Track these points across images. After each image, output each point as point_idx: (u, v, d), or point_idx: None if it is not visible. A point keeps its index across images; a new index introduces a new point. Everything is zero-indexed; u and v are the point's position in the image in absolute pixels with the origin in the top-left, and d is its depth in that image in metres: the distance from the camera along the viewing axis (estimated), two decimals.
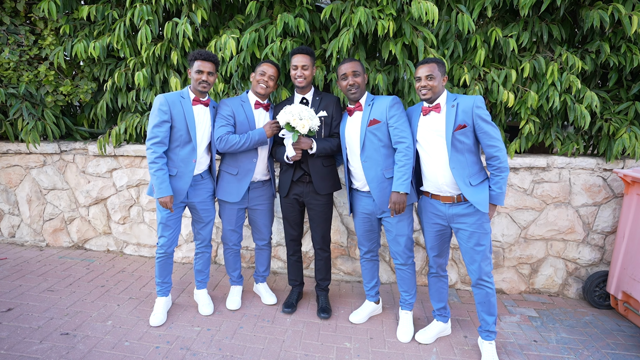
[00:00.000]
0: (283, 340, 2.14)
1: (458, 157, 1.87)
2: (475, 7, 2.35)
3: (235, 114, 2.14)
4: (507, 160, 1.85)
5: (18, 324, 2.16)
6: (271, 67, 2.14)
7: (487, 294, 1.97)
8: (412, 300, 2.25)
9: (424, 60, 1.91)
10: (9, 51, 2.77)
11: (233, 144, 2.10)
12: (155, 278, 2.29)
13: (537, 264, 2.74)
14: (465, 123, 1.83)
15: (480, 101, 1.83)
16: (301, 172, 2.21)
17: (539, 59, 2.39)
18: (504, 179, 1.86)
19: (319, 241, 2.33)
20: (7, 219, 3.32)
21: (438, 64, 1.89)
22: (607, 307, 2.57)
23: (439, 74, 1.87)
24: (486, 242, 1.92)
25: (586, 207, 2.63)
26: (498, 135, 1.83)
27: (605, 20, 2.17)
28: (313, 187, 2.21)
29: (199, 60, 2.02)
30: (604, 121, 2.50)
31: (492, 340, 2.02)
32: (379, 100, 2.06)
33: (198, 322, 2.28)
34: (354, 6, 2.38)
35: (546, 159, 2.58)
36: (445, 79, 1.93)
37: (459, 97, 1.88)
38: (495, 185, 1.87)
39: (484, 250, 1.92)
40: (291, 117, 1.98)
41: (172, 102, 2.03)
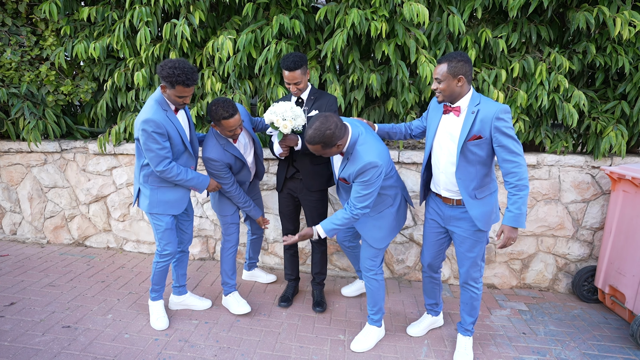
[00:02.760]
0: (279, 333, 2.20)
1: (467, 168, 1.74)
2: (466, 8, 2.42)
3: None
4: (527, 178, 1.65)
5: (21, 317, 2.22)
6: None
7: (472, 297, 1.98)
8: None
9: (438, 60, 1.74)
10: (11, 52, 2.83)
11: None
12: (153, 285, 2.21)
13: (528, 259, 2.81)
14: (481, 134, 1.67)
15: (503, 111, 1.63)
16: (293, 170, 2.26)
17: (528, 59, 2.45)
18: (524, 198, 1.65)
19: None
20: (9, 217, 3.38)
21: (450, 62, 1.67)
22: (595, 301, 2.64)
23: (448, 75, 1.67)
24: (478, 250, 1.86)
25: (575, 204, 2.69)
26: (519, 150, 1.64)
27: (591, 22, 2.24)
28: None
29: (181, 86, 1.80)
30: (591, 120, 2.57)
31: (468, 336, 2.06)
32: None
33: (196, 315, 2.34)
34: (348, 8, 2.44)
35: (536, 157, 2.65)
36: (461, 81, 1.68)
37: (483, 102, 1.69)
38: (514, 206, 1.66)
39: (475, 258, 1.88)
40: (275, 118, 1.98)
41: (163, 121, 1.86)
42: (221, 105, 1.94)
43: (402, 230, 2.86)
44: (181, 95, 1.85)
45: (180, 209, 2.11)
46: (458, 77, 1.68)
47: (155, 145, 1.86)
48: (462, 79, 1.68)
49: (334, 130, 1.71)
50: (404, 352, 2.07)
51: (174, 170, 1.96)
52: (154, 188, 2.02)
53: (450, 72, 1.68)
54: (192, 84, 1.84)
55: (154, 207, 2.04)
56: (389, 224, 1.99)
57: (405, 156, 2.71)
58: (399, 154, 2.72)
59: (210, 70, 2.73)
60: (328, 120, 1.71)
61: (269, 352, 2.03)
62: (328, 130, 1.70)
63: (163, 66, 1.80)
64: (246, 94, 2.72)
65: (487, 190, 1.79)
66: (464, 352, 2.02)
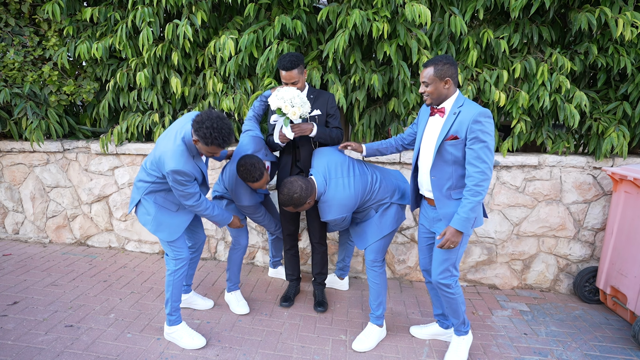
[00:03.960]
0: (280, 333, 2.20)
1: (443, 168, 1.75)
2: (467, 9, 2.42)
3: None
4: (485, 187, 1.64)
5: (24, 316, 2.23)
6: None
7: (448, 300, 1.91)
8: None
9: (424, 63, 1.76)
10: (14, 52, 2.84)
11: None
12: (172, 302, 2.02)
13: (529, 260, 2.81)
14: (458, 135, 1.68)
15: (482, 115, 1.63)
16: (297, 169, 2.27)
17: (530, 60, 2.45)
18: (474, 204, 1.64)
19: (315, 235, 2.39)
20: (11, 216, 3.39)
21: (436, 65, 1.70)
22: (597, 301, 2.64)
23: (435, 78, 1.70)
24: (451, 255, 1.81)
25: (577, 205, 2.69)
26: (488, 159, 1.64)
27: (593, 22, 2.24)
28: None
29: (216, 146, 1.78)
30: (593, 120, 2.57)
31: (462, 335, 2.01)
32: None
33: (198, 315, 2.35)
34: (350, 8, 2.45)
35: (538, 158, 2.65)
36: (448, 83, 1.71)
37: (466, 105, 1.71)
38: (462, 209, 1.66)
39: (446, 263, 1.83)
40: (283, 103, 1.94)
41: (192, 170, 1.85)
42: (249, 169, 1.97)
43: (402, 230, 2.86)
44: (213, 152, 1.83)
45: (177, 234, 1.99)
46: (445, 80, 1.71)
47: (185, 188, 1.86)
48: (449, 81, 1.72)
49: (300, 193, 1.90)
50: (405, 352, 2.08)
51: (203, 205, 1.96)
52: (159, 207, 1.96)
53: (437, 75, 1.71)
54: (228, 145, 1.83)
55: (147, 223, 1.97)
56: (370, 228, 2.09)
57: (407, 156, 2.72)
58: (401, 155, 2.72)
59: (212, 71, 2.74)
60: (294, 184, 1.91)
61: (270, 352, 2.03)
62: (295, 194, 1.89)
63: (199, 124, 1.72)
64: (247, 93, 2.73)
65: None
66: (455, 354, 1.98)
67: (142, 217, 1.99)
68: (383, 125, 2.84)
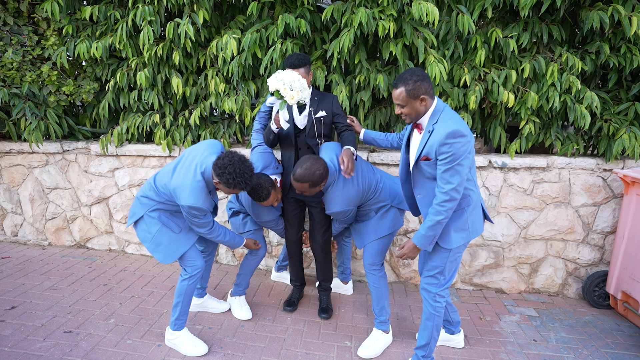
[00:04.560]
0: (284, 339, 2.15)
1: (426, 184, 1.72)
2: (476, 8, 2.36)
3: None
4: (448, 208, 1.59)
5: (22, 321, 2.19)
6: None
7: (428, 312, 1.82)
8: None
9: (394, 83, 1.65)
10: (12, 51, 2.79)
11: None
12: (182, 307, 1.98)
13: (537, 263, 2.75)
14: (429, 156, 1.62)
15: (451, 136, 1.53)
16: None
17: (539, 60, 2.39)
18: (433, 222, 1.61)
19: (319, 240, 2.34)
20: (10, 218, 3.34)
21: (406, 85, 1.59)
22: (607, 307, 2.58)
23: (409, 99, 1.61)
24: (438, 261, 1.74)
25: (586, 207, 2.64)
26: (454, 181, 1.56)
27: (605, 21, 2.18)
28: None
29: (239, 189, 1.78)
30: (603, 121, 2.51)
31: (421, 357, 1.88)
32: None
33: (200, 320, 2.30)
34: (355, 7, 2.39)
35: (546, 159, 2.59)
36: (424, 100, 1.61)
37: (440, 122, 1.60)
38: (422, 225, 1.66)
39: (433, 270, 1.77)
40: (282, 86, 1.87)
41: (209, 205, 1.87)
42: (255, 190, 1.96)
43: (408, 233, 2.81)
44: (235, 193, 1.85)
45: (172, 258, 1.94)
46: (420, 98, 1.61)
47: (199, 220, 1.89)
48: (425, 98, 1.61)
49: (322, 172, 1.86)
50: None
51: (215, 232, 1.99)
52: (162, 225, 1.93)
53: (410, 95, 1.61)
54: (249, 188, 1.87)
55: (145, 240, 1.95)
56: (368, 227, 2.10)
57: None
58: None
59: (214, 71, 2.69)
60: (318, 162, 1.86)
61: (274, 359, 1.98)
62: (317, 171, 1.84)
63: (222, 169, 1.71)
64: (250, 95, 2.68)
65: (457, 206, 1.69)
66: None
67: (141, 234, 1.96)
68: (388, 126, 2.78)
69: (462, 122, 1.59)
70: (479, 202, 1.76)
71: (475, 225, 1.75)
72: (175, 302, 1.98)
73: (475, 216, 1.75)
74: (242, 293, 2.40)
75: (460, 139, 1.54)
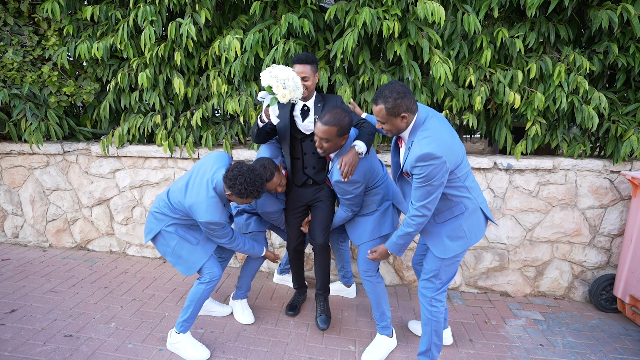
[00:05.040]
0: (287, 343, 2.12)
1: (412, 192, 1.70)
2: (482, 7, 2.33)
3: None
4: (418, 223, 1.62)
5: (22, 325, 2.16)
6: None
7: (426, 318, 1.82)
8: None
9: (373, 99, 1.61)
10: (13, 52, 2.77)
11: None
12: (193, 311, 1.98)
13: (543, 266, 2.72)
14: (408, 173, 1.64)
15: (421, 159, 1.51)
16: (304, 177, 2.18)
17: (546, 60, 2.36)
18: (403, 233, 1.67)
19: (319, 239, 2.16)
20: (11, 220, 3.32)
21: (386, 103, 1.55)
22: (614, 310, 2.55)
23: (389, 117, 1.58)
24: (434, 265, 1.75)
25: (592, 210, 2.60)
26: (423, 200, 1.57)
27: (614, 20, 2.14)
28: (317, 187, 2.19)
29: (252, 198, 1.80)
30: (611, 123, 2.47)
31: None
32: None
33: (202, 324, 2.27)
34: (359, 6, 2.36)
35: (552, 161, 2.56)
36: (405, 118, 1.58)
37: (416, 141, 1.56)
38: (395, 233, 1.73)
39: (427, 273, 1.79)
40: (275, 82, 1.83)
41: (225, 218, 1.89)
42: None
43: None
44: (248, 203, 1.87)
45: (194, 270, 1.99)
46: (401, 115, 1.57)
47: (218, 232, 1.91)
48: (406, 115, 1.58)
49: (350, 121, 1.80)
50: None
51: (236, 241, 2.02)
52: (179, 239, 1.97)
53: (391, 113, 1.57)
54: (261, 196, 1.83)
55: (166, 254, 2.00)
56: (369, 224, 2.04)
57: None
58: None
59: (216, 71, 2.66)
60: (348, 111, 1.85)
61: None
62: (346, 118, 1.78)
63: (232, 180, 1.73)
64: (252, 96, 2.65)
65: (447, 215, 1.70)
66: None
67: (161, 248, 2.02)
68: None
69: (438, 140, 1.53)
70: (477, 208, 1.72)
71: (474, 231, 1.73)
72: (187, 303, 1.98)
73: (473, 222, 1.72)
74: (243, 296, 2.37)
75: (432, 162, 1.51)
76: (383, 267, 2.85)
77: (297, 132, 2.13)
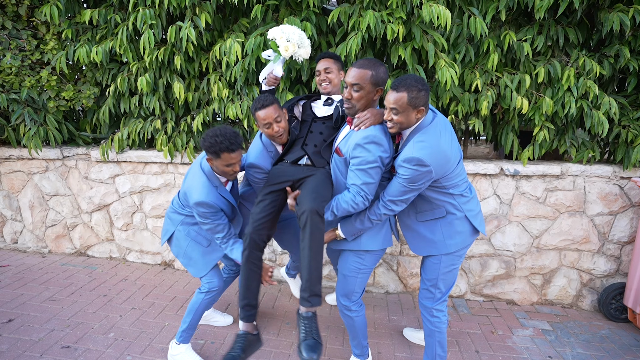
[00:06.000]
0: (289, 355, 2.08)
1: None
2: (489, 10, 2.27)
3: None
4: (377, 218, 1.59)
5: (19, 336, 2.12)
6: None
7: (429, 329, 1.78)
8: None
9: (394, 84, 1.46)
10: (11, 56, 2.73)
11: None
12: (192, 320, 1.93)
13: (550, 274, 2.66)
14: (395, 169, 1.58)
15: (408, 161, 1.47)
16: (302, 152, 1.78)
17: (554, 64, 2.30)
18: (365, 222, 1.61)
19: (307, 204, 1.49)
20: (10, 225, 3.29)
21: (410, 92, 1.43)
22: (624, 320, 2.48)
23: (408, 107, 1.45)
24: (431, 273, 1.71)
25: (602, 216, 2.54)
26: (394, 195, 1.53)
27: (626, 23, 2.08)
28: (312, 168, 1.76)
29: (227, 152, 1.67)
30: (621, 128, 2.41)
31: None
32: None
33: (202, 334, 2.23)
34: (362, 9, 2.31)
35: (560, 167, 2.50)
36: (421, 113, 1.47)
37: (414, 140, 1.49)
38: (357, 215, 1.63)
39: (425, 282, 1.74)
40: (279, 34, 1.73)
41: (216, 200, 1.77)
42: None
43: None
44: (229, 163, 1.72)
45: (204, 271, 1.94)
46: (419, 109, 1.47)
47: (211, 222, 1.80)
48: (422, 110, 1.48)
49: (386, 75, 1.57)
50: None
51: (229, 243, 1.85)
52: (191, 240, 1.94)
53: (411, 103, 1.45)
54: (237, 148, 1.71)
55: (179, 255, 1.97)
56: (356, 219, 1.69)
57: None
58: None
59: (217, 75, 2.61)
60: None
61: None
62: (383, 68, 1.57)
63: (205, 138, 1.70)
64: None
65: (431, 215, 1.66)
66: None
67: (174, 249, 2.00)
68: None
69: (433, 148, 1.47)
70: (462, 217, 1.65)
71: (453, 238, 1.66)
72: (187, 313, 1.95)
73: (453, 229, 1.66)
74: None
75: (418, 168, 1.46)
76: (387, 274, 2.79)
77: (310, 115, 1.87)
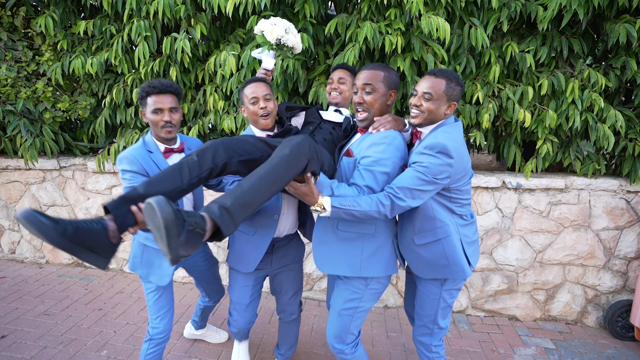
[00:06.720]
0: None
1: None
2: (490, 21, 2.21)
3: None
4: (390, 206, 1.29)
5: (11, 353, 2.10)
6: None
7: None
8: None
9: (432, 71, 1.37)
10: (7, 67, 2.71)
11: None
12: None
13: (554, 289, 2.59)
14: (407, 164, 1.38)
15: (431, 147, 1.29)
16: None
17: (558, 75, 2.23)
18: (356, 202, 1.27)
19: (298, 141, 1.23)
20: (8, 235, 3.28)
21: (449, 81, 1.34)
22: (631, 338, 2.41)
23: (444, 95, 1.34)
24: (429, 309, 1.53)
25: (607, 231, 2.47)
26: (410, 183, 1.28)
27: (633, 35, 2.01)
28: None
29: (153, 95, 1.48)
30: (628, 141, 2.34)
31: None
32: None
33: (195, 352, 2.19)
34: (360, 20, 2.26)
35: (564, 180, 2.43)
36: (451, 108, 1.37)
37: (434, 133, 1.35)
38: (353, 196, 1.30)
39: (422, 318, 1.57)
40: (268, 27, 1.69)
41: (140, 158, 1.46)
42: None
43: None
44: (156, 107, 1.47)
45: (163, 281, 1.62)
46: (451, 103, 1.37)
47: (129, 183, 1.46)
48: (453, 107, 1.37)
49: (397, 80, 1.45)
50: None
51: None
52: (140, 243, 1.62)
53: (447, 93, 1.34)
54: (166, 89, 1.48)
55: (135, 267, 1.64)
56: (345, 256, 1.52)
57: None
58: None
59: (213, 87, 2.58)
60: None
61: None
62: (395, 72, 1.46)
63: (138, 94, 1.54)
64: None
65: (430, 237, 1.42)
66: None
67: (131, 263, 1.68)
68: None
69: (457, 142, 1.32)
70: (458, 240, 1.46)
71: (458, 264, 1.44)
72: None
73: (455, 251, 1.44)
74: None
75: (441, 157, 1.27)
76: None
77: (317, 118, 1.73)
